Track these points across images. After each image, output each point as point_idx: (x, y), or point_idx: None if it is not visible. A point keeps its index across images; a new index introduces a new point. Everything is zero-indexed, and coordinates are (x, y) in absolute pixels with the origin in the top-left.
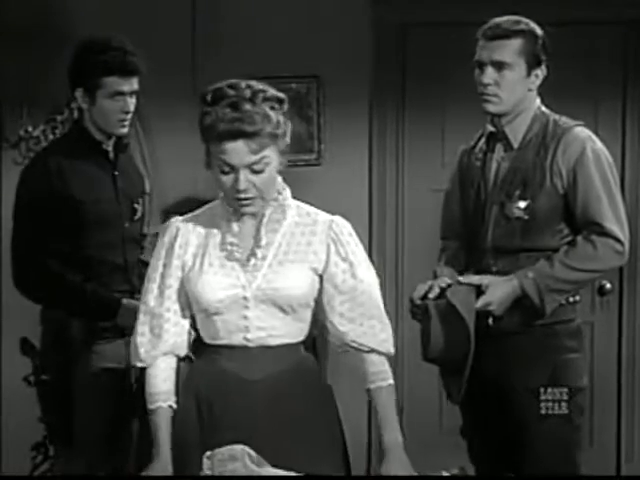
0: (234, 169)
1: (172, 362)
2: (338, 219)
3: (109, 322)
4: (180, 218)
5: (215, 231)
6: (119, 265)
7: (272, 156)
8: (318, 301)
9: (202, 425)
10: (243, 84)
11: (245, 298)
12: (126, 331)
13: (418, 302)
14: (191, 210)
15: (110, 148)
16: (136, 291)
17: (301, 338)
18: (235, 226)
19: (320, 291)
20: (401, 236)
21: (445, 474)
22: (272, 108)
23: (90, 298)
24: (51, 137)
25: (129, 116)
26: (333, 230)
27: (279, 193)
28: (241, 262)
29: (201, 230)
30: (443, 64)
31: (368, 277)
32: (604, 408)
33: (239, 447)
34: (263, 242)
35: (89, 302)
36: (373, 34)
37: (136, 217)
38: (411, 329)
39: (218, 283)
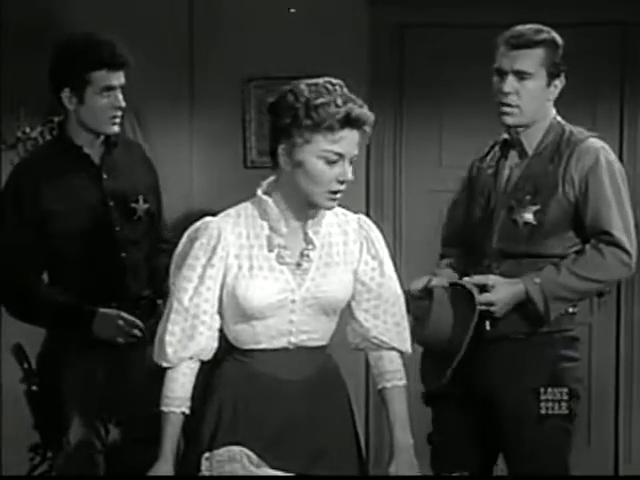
0: (342, 159)
1: (195, 367)
2: (364, 217)
3: (84, 334)
4: (215, 219)
5: (257, 232)
6: (112, 271)
7: None
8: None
9: (217, 427)
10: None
11: (293, 302)
12: (112, 341)
13: (416, 293)
14: (187, 209)
15: (94, 151)
16: (134, 296)
17: (327, 341)
18: (283, 227)
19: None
20: (399, 236)
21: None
22: None
23: (60, 310)
24: (49, 138)
25: (120, 113)
26: (364, 229)
27: None
28: (291, 265)
29: (242, 231)
30: (440, 65)
31: (394, 275)
32: (602, 409)
33: (237, 448)
34: (315, 243)
35: (60, 314)
36: (371, 35)
37: (135, 217)
38: None
39: (270, 287)
